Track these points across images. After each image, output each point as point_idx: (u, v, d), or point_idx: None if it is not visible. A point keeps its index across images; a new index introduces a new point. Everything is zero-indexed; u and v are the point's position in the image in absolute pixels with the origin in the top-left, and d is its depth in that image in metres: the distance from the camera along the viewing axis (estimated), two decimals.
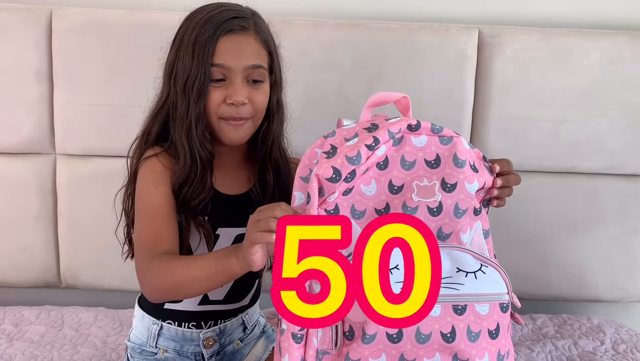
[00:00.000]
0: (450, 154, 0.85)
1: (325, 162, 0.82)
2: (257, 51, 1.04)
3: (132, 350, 1.15)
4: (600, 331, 1.48)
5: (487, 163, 0.89)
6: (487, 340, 0.82)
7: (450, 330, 0.81)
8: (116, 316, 1.50)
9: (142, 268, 1.00)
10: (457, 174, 0.84)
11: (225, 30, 1.01)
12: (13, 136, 1.49)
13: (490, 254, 0.87)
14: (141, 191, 1.05)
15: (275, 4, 1.51)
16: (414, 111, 1.45)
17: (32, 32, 1.46)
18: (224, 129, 1.04)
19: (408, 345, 0.80)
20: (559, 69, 1.50)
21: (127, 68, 1.47)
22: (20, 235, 1.53)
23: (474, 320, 0.82)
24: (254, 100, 1.03)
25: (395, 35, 1.49)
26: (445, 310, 0.81)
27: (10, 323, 1.44)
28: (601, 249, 1.57)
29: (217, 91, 1.02)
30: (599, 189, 1.56)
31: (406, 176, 0.84)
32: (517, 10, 1.58)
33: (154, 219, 1.02)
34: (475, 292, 0.82)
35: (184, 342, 1.12)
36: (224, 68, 1.01)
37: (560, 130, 1.52)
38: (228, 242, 1.10)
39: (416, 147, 0.85)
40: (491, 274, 0.83)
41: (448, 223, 0.84)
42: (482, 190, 0.88)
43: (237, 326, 1.16)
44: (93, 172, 1.51)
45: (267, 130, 1.10)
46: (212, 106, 1.02)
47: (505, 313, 0.84)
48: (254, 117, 1.05)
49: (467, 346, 0.81)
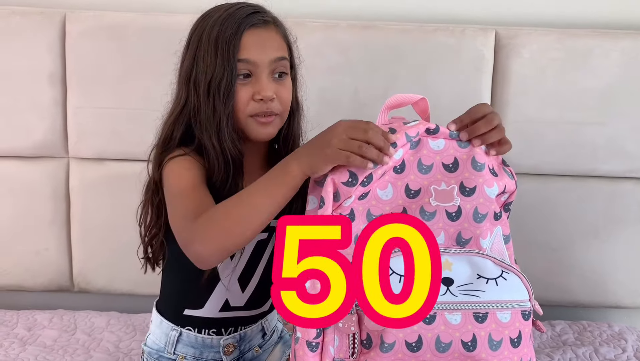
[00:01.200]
0: (469, 157, 0.83)
1: (342, 166, 0.81)
2: (279, 44, 1.02)
3: (149, 355, 1.14)
4: (621, 338, 1.44)
5: (508, 168, 0.87)
6: (509, 348, 0.80)
7: (471, 338, 0.79)
8: (129, 321, 1.50)
9: (188, 229, 0.90)
10: (476, 177, 0.82)
11: (249, 25, 0.99)
12: (26, 139, 1.50)
13: (511, 260, 0.86)
14: (172, 179, 0.99)
15: (289, 5, 1.49)
16: (430, 113, 1.45)
17: (45, 36, 1.47)
18: (252, 126, 1.01)
19: (428, 354, 0.78)
20: (577, 70, 1.48)
21: (140, 71, 1.47)
22: (33, 239, 1.53)
23: (496, 327, 0.80)
24: (280, 96, 1.01)
25: (410, 37, 1.48)
26: (466, 318, 0.79)
27: (24, 327, 1.44)
28: (622, 254, 1.54)
29: (244, 88, 0.99)
30: (620, 193, 1.53)
31: (423, 180, 0.83)
32: (534, 11, 1.56)
33: (194, 191, 0.96)
34: (496, 299, 0.80)
35: (204, 349, 1.11)
36: (250, 63, 0.99)
37: (579, 132, 1.50)
38: (249, 248, 1.08)
39: (434, 151, 0.84)
40: (512, 281, 0.81)
41: (467, 227, 0.82)
42: (503, 194, 0.86)
43: (257, 333, 1.15)
44: (106, 176, 1.51)
45: (288, 130, 1.08)
46: (240, 105, 0.99)
47: (527, 321, 0.82)
48: (282, 113, 1.03)
49: (489, 355, 0.79)
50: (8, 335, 1.40)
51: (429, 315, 0.77)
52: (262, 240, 1.08)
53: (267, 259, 1.10)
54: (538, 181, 1.53)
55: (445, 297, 0.79)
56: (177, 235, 0.94)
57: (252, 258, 1.09)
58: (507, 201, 0.88)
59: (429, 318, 0.78)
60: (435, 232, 0.81)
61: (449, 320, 0.78)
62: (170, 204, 0.99)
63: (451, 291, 0.79)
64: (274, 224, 1.05)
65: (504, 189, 0.85)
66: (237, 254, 1.07)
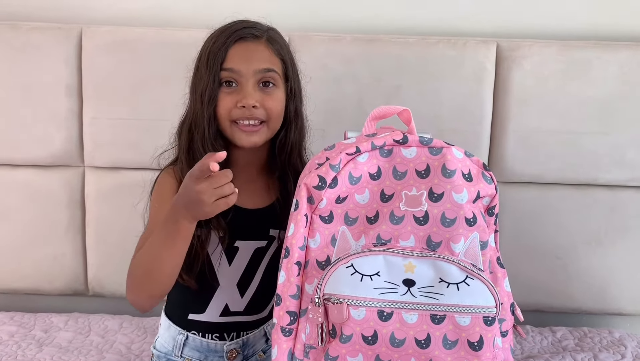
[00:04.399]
0: (440, 164, 0.86)
1: (314, 172, 0.86)
2: (267, 57, 1.06)
3: (158, 358, 1.18)
4: (621, 344, 1.46)
5: (488, 172, 0.89)
6: (466, 349, 0.83)
7: (425, 337, 0.83)
8: (140, 324, 1.54)
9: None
10: (445, 184, 0.86)
11: (237, 38, 1.05)
12: (44, 149, 1.54)
13: (484, 266, 0.87)
14: (152, 205, 1.10)
15: (294, 20, 1.56)
16: (432, 124, 1.48)
17: (63, 50, 1.51)
18: (237, 134, 1.06)
19: (383, 348, 0.83)
20: (577, 81, 1.50)
21: (154, 83, 1.51)
22: (50, 245, 1.57)
23: (453, 329, 0.83)
24: (266, 104, 1.05)
25: (413, 50, 1.51)
26: (422, 318, 0.83)
27: (40, 329, 1.49)
28: (624, 262, 1.56)
29: (228, 96, 1.05)
30: (621, 201, 1.54)
31: (397, 185, 0.87)
32: (535, 24, 1.58)
33: (148, 229, 1.06)
34: (455, 303, 0.83)
35: (208, 353, 1.14)
36: (234, 72, 1.04)
37: (580, 142, 1.52)
38: (247, 255, 1.12)
39: (407, 159, 0.87)
40: (476, 287, 0.83)
41: (437, 231, 0.85)
42: (481, 199, 0.88)
43: (260, 338, 1.18)
44: (120, 184, 1.55)
45: (285, 139, 1.11)
46: (222, 111, 1.04)
47: (490, 327, 0.83)
48: (269, 122, 1.06)
49: (442, 353, 0.83)
50: (26, 336, 1.45)
51: (386, 313, 0.82)
52: (261, 248, 1.12)
53: (266, 266, 1.13)
54: (540, 190, 1.55)
55: (405, 297, 0.83)
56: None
57: (250, 265, 1.12)
58: (490, 205, 0.90)
59: (386, 315, 0.83)
60: (404, 235, 0.85)
61: (405, 318, 0.82)
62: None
63: (411, 292, 0.83)
64: (273, 233, 1.10)
65: (477, 194, 0.87)
66: (234, 261, 1.11)
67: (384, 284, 0.83)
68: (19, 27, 1.52)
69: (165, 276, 0.98)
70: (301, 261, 0.88)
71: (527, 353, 1.44)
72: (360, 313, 0.83)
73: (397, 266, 0.84)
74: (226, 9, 1.16)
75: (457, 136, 1.49)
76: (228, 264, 1.11)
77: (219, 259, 1.11)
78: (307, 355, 0.87)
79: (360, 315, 0.83)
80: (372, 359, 0.83)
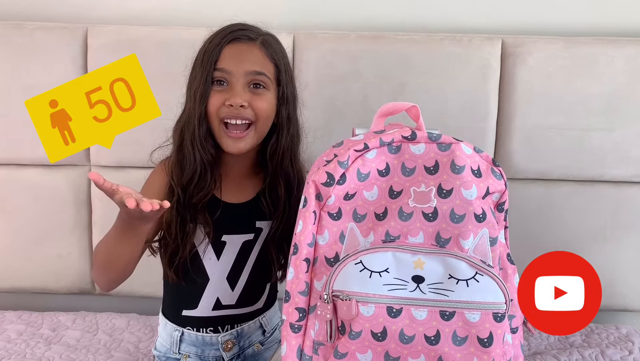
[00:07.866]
0: (449, 160, 0.86)
1: (322, 169, 0.86)
2: (260, 59, 1.07)
3: (159, 359, 1.20)
4: (628, 340, 1.46)
5: (497, 168, 0.89)
6: (475, 346, 0.83)
7: (434, 333, 0.83)
8: (147, 322, 1.55)
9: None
10: (454, 180, 0.85)
11: (230, 39, 1.06)
12: None
13: (494, 262, 0.87)
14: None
15: (300, 18, 1.56)
16: (438, 121, 1.48)
17: (69, 49, 1.52)
18: (224, 139, 1.07)
19: (392, 344, 0.83)
20: (583, 78, 1.50)
21: (158, 82, 1.47)
22: (57, 244, 1.58)
23: (462, 325, 0.83)
24: (254, 105, 1.06)
25: (418, 47, 1.51)
26: (432, 315, 0.83)
27: (48, 327, 1.50)
28: (630, 258, 1.56)
29: (218, 94, 1.06)
30: (627, 197, 1.55)
31: (405, 181, 0.87)
32: (540, 20, 1.58)
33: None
34: (465, 299, 0.83)
35: (205, 347, 1.16)
36: (225, 72, 1.06)
37: (586, 138, 1.52)
38: (234, 249, 1.13)
39: (415, 155, 0.87)
40: (486, 283, 0.83)
41: (446, 228, 0.85)
42: (491, 195, 0.88)
43: (256, 329, 1.19)
44: (126, 183, 1.48)
45: (277, 144, 1.12)
46: (212, 108, 1.06)
47: (500, 323, 0.83)
48: (257, 124, 1.07)
49: (452, 350, 0.83)
50: (34, 335, 1.46)
51: (395, 309, 0.83)
52: (249, 240, 1.14)
53: (255, 259, 1.15)
54: (546, 186, 1.55)
55: (414, 294, 0.83)
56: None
57: (239, 258, 1.14)
58: (500, 201, 0.90)
59: (395, 312, 0.83)
60: (413, 232, 0.85)
61: (414, 315, 0.83)
62: None
63: (421, 289, 0.83)
64: (260, 225, 1.13)
65: (486, 190, 0.87)
66: (222, 256, 1.12)
67: (393, 281, 0.83)
68: (24, 26, 1.53)
69: (122, 265, 1.03)
70: (310, 258, 0.88)
71: (534, 350, 1.44)
72: (369, 310, 0.83)
73: (406, 263, 0.84)
74: (231, 8, 1.17)
75: (463, 133, 1.46)
76: (217, 258, 1.13)
77: (207, 255, 1.12)
78: (317, 351, 0.87)
79: (369, 312, 0.83)
80: (381, 355, 0.84)
